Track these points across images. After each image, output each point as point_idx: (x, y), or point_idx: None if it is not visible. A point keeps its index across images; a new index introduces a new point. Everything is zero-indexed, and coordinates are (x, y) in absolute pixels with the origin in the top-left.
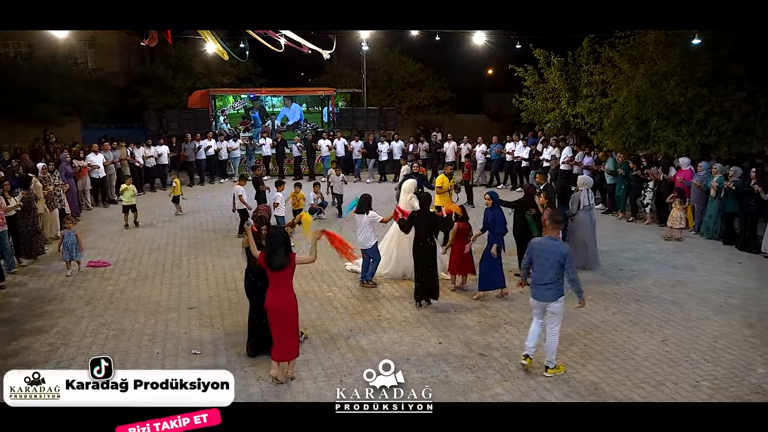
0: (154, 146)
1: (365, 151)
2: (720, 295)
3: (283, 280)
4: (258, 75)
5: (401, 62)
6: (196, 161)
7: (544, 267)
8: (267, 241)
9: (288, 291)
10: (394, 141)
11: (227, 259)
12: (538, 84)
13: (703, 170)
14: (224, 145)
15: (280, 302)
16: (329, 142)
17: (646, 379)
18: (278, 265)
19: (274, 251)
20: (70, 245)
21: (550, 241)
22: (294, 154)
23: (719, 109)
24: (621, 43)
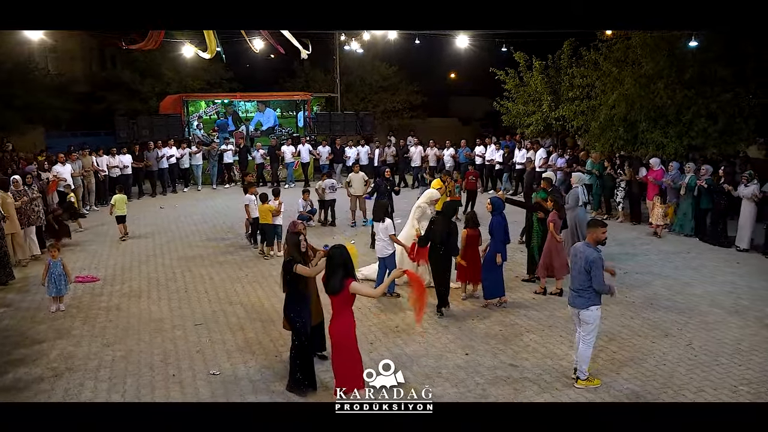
0: (118, 155)
1: (332, 156)
2: (729, 296)
3: (338, 306)
4: (228, 80)
5: (374, 66)
6: (159, 170)
7: (574, 272)
8: (327, 261)
9: (343, 318)
10: (360, 146)
11: (223, 270)
12: (518, 87)
13: (674, 170)
14: (186, 152)
15: (334, 329)
16: (293, 148)
17: (684, 385)
18: (332, 289)
19: (332, 274)
20: (57, 277)
21: (582, 246)
22: (257, 161)
23: (705, 111)
24: (605, 46)
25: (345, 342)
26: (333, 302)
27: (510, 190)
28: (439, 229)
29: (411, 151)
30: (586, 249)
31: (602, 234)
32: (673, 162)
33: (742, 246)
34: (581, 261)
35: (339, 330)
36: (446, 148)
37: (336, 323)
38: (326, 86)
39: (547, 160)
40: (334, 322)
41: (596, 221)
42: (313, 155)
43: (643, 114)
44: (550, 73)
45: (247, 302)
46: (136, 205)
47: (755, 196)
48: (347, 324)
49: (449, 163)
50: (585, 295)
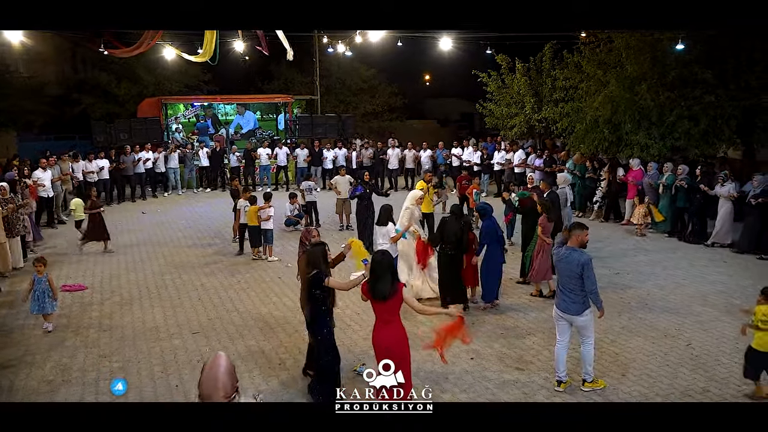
0: (95, 159)
1: (310, 159)
2: (721, 295)
3: (389, 312)
4: (206, 82)
5: (354, 68)
6: (135, 174)
7: (564, 278)
8: (371, 266)
9: (396, 326)
10: (337, 149)
11: (214, 277)
12: (501, 89)
13: (652, 170)
14: (161, 156)
15: (387, 339)
16: (269, 150)
17: (690, 386)
18: (382, 295)
19: (379, 278)
20: (41, 294)
21: (569, 251)
22: (232, 164)
23: (688, 112)
24: (587, 48)
25: (401, 350)
26: (380, 309)
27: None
28: (452, 229)
29: (388, 153)
30: (573, 253)
31: (585, 236)
32: (651, 162)
33: (720, 243)
34: (572, 266)
35: (393, 337)
36: (423, 149)
37: (389, 330)
38: (305, 88)
39: (525, 161)
40: (386, 329)
41: (579, 224)
42: (291, 158)
43: (628, 116)
44: (531, 75)
45: (243, 309)
46: (116, 210)
47: (732, 195)
48: (401, 331)
49: (427, 164)
50: (579, 300)
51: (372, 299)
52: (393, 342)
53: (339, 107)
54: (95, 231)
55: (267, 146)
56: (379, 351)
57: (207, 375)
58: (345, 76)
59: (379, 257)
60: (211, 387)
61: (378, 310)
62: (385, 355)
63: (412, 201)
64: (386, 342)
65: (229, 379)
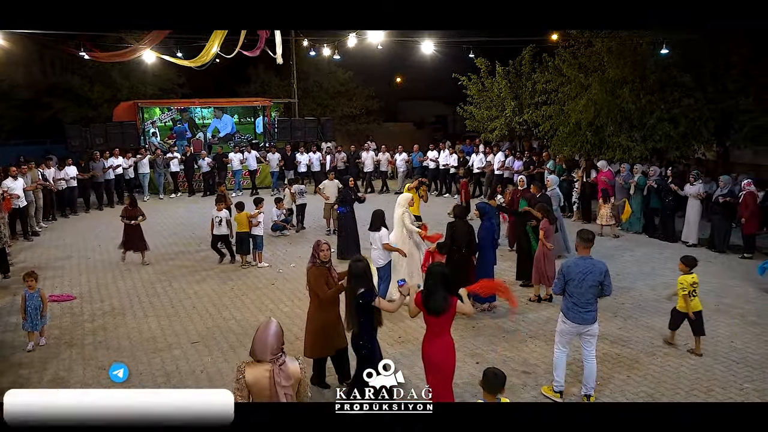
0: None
1: (283, 163)
2: (710, 295)
3: (440, 326)
4: (181, 85)
5: (331, 71)
6: (105, 181)
7: (582, 289)
8: (425, 279)
9: (446, 339)
10: (311, 152)
11: (206, 285)
12: (481, 93)
13: (625, 171)
14: (131, 162)
15: (437, 352)
16: (241, 155)
17: (694, 385)
18: (435, 308)
19: (433, 292)
20: (33, 311)
21: (585, 261)
22: (203, 169)
23: (668, 115)
24: (568, 52)
25: (448, 362)
26: (432, 322)
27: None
28: (462, 229)
29: (363, 156)
30: (590, 261)
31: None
32: (624, 164)
33: (690, 241)
34: (596, 275)
35: (443, 350)
36: (398, 152)
37: (439, 343)
38: (282, 91)
39: (504, 163)
40: (437, 342)
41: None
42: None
43: (610, 119)
44: (511, 79)
45: (240, 317)
46: (86, 219)
47: (699, 194)
48: (451, 343)
49: (402, 168)
50: (593, 308)
51: (427, 313)
52: (443, 356)
53: (317, 110)
54: (132, 240)
55: (238, 150)
56: (429, 364)
57: (258, 337)
58: (322, 79)
59: (434, 269)
60: (261, 347)
61: (430, 322)
62: (435, 368)
63: (405, 204)
64: (437, 356)
65: (276, 341)
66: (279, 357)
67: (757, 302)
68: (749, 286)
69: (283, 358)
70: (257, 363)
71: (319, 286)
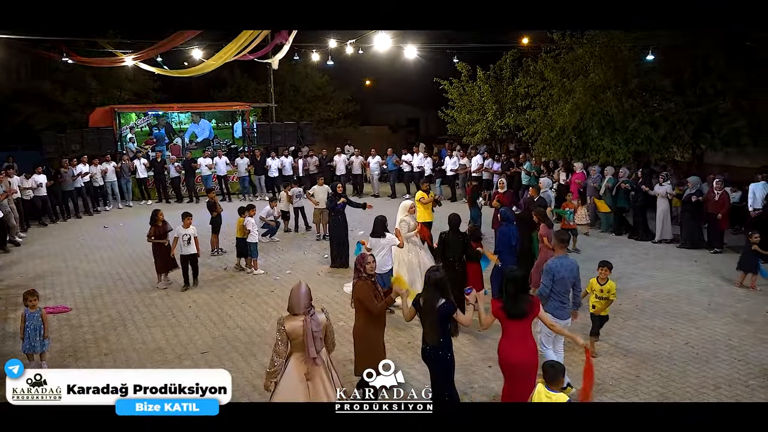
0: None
1: (252, 168)
2: (702, 294)
3: (523, 329)
4: (156, 90)
5: (308, 74)
6: (75, 189)
7: (566, 286)
8: (504, 285)
9: (530, 341)
10: (284, 157)
11: (204, 293)
12: (462, 96)
13: (596, 173)
14: (98, 170)
15: (522, 354)
16: (209, 160)
17: (703, 383)
18: (518, 313)
19: (516, 297)
20: (33, 331)
21: (566, 260)
22: (171, 174)
23: (649, 118)
24: (550, 56)
25: (535, 363)
26: (514, 327)
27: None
28: (453, 244)
29: (335, 159)
30: (570, 260)
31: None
32: (595, 166)
33: (662, 238)
34: (574, 272)
35: (529, 352)
36: (372, 156)
37: (523, 345)
38: (259, 95)
39: (483, 166)
40: (521, 345)
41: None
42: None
43: (594, 122)
44: (491, 83)
45: (245, 325)
46: (62, 228)
47: (669, 194)
48: (534, 345)
49: (376, 171)
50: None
51: (507, 318)
52: (530, 357)
53: (294, 114)
54: (166, 259)
55: (208, 155)
56: (511, 367)
57: (293, 296)
58: (299, 83)
59: (511, 275)
60: (296, 303)
61: (511, 328)
62: (518, 371)
63: (404, 212)
64: (523, 356)
65: (306, 298)
66: (309, 310)
67: (748, 300)
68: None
69: (313, 311)
70: (293, 316)
71: (370, 300)
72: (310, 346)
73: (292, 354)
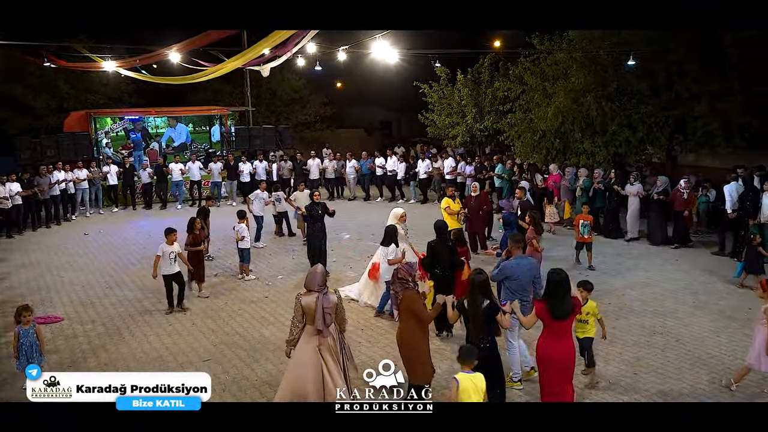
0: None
1: (225, 172)
2: (686, 292)
3: (565, 328)
4: (129, 94)
5: (284, 77)
6: (51, 197)
7: (522, 286)
8: (551, 288)
9: (570, 339)
10: (257, 161)
11: (198, 300)
12: (442, 100)
13: (570, 174)
14: (71, 177)
15: (563, 351)
16: (182, 165)
17: (697, 380)
18: (562, 314)
19: (562, 299)
20: (28, 348)
21: (525, 260)
22: (143, 180)
23: (627, 121)
24: (528, 61)
25: (573, 361)
26: (556, 326)
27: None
28: (440, 252)
29: (309, 163)
30: (528, 259)
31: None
32: (568, 168)
33: (630, 236)
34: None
35: (569, 352)
36: (348, 159)
37: (563, 343)
38: (235, 99)
39: (456, 168)
40: (561, 342)
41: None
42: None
43: (575, 125)
44: (470, 87)
45: (244, 332)
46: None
47: (640, 193)
48: (572, 343)
49: (352, 174)
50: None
51: (552, 319)
52: (567, 356)
53: (271, 118)
54: (200, 268)
55: (178, 161)
56: (551, 364)
57: (310, 275)
58: (276, 86)
59: (555, 276)
60: (311, 281)
61: (554, 327)
62: (558, 369)
63: (395, 219)
64: (559, 356)
65: (321, 277)
66: (323, 288)
67: (730, 297)
68: (718, 281)
69: (326, 290)
70: (309, 292)
71: (422, 309)
72: (319, 319)
73: (307, 326)
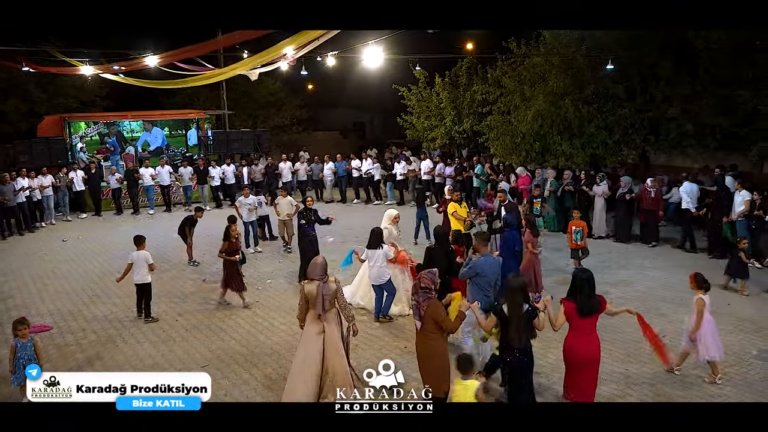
0: None
1: (196, 177)
2: (669, 290)
3: (591, 325)
4: (102, 98)
5: (261, 80)
6: (17, 205)
7: (488, 282)
8: (579, 286)
9: (596, 336)
10: (226, 165)
11: (189, 305)
12: (420, 102)
13: (540, 176)
14: (36, 183)
15: (589, 349)
16: (152, 170)
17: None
18: (589, 311)
19: (588, 296)
20: (27, 362)
21: (490, 259)
22: (112, 186)
23: (604, 124)
24: (506, 64)
25: (598, 357)
26: (583, 324)
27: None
28: (438, 257)
29: (281, 167)
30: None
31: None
32: (538, 169)
33: (597, 234)
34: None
35: (595, 348)
36: (325, 162)
37: (590, 340)
38: (211, 102)
39: (434, 170)
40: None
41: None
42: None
43: (554, 128)
44: (447, 89)
45: (239, 337)
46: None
47: (605, 193)
48: (598, 340)
49: (330, 177)
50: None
51: (579, 317)
52: (594, 353)
53: (248, 121)
54: (233, 279)
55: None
56: (578, 361)
57: (312, 264)
58: (252, 89)
59: (582, 275)
60: (313, 270)
61: (580, 325)
62: (584, 365)
63: (388, 221)
64: (586, 353)
65: (321, 267)
66: (323, 277)
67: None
68: None
69: (327, 279)
70: (311, 281)
71: (446, 318)
72: (318, 304)
73: (310, 311)
